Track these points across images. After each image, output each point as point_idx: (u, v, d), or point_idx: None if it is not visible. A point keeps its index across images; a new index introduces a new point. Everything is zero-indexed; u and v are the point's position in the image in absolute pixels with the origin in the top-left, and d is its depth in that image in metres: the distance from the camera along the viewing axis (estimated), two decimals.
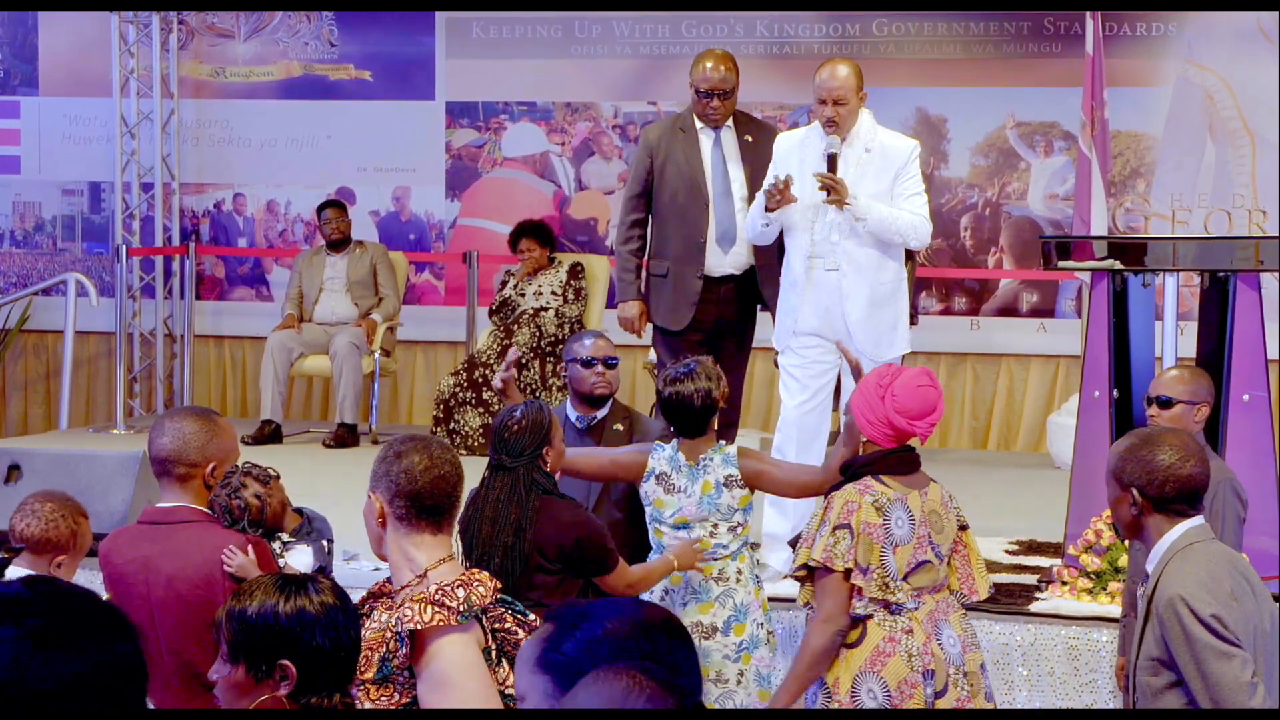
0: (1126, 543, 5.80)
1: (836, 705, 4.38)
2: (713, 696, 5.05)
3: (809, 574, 4.44)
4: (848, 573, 4.33)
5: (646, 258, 7.02)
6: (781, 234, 6.36)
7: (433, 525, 3.23)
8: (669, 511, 5.11)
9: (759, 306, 6.96)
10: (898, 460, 4.47)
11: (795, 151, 6.28)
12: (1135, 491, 3.76)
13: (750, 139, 6.89)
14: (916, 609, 4.41)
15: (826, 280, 6.17)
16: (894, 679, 4.34)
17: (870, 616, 4.36)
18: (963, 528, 4.56)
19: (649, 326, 7.03)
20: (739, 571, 5.11)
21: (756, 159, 6.84)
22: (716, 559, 5.09)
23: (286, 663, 2.84)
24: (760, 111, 10.01)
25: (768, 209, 6.16)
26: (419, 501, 3.21)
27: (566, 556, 4.72)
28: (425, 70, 10.48)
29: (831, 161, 6.10)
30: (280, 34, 10.71)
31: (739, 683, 5.08)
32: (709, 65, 6.81)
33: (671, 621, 2.46)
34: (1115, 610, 5.67)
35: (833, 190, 6.06)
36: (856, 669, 4.38)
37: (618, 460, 5.23)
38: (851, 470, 4.48)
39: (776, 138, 6.50)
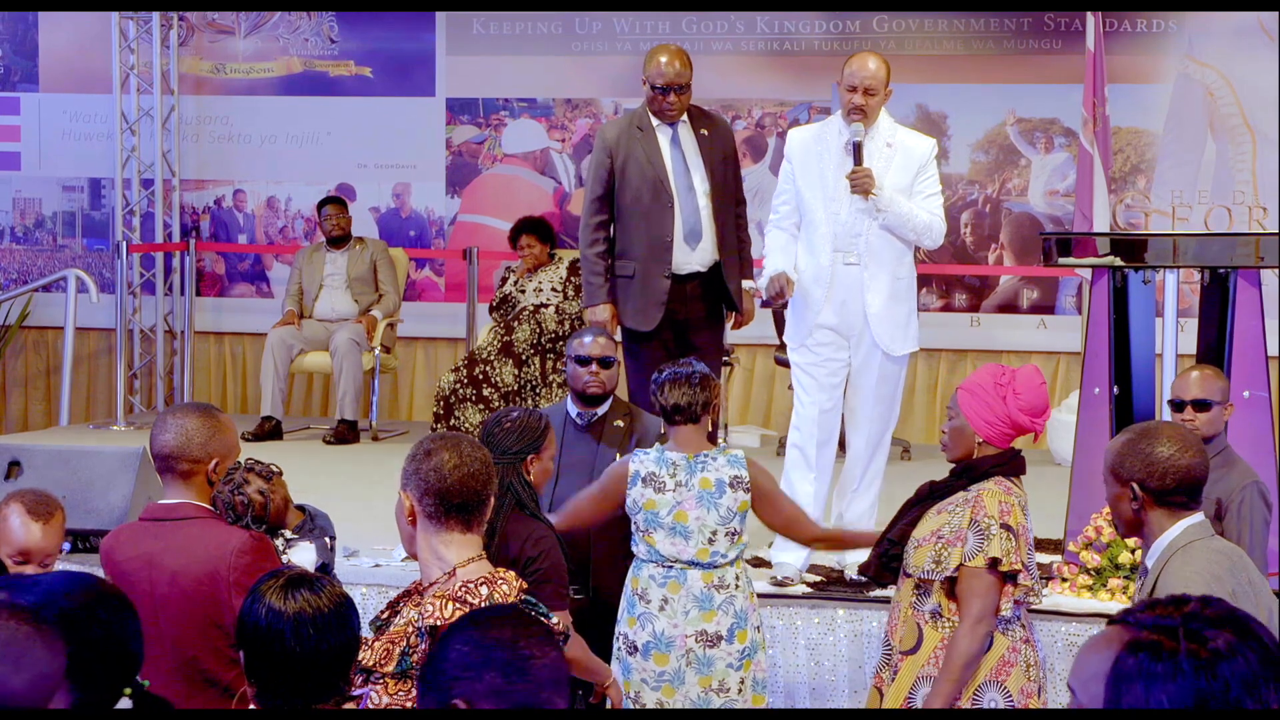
0: (1125, 539, 5.80)
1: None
2: (715, 706, 4.99)
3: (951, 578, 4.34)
4: (1009, 574, 4.29)
5: (611, 259, 6.98)
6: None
7: (462, 523, 3.24)
8: (665, 509, 5.01)
9: (724, 305, 6.93)
10: (1020, 462, 4.46)
11: (813, 145, 6.23)
12: (1136, 486, 3.74)
13: (706, 132, 6.86)
14: (1020, 615, 4.41)
15: (847, 274, 6.13)
16: (1015, 689, 4.32)
17: (1007, 633, 4.36)
18: None
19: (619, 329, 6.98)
20: (736, 578, 5.06)
21: (714, 152, 6.82)
22: (716, 566, 5.02)
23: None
24: (761, 108, 10.03)
25: (765, 304, 6.18)
26: (448, 500, 3.22)
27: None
28: (425, 66, 10.48)
29: (857, 149, 6.07)
30: (280, 30, 10.71)
31: (740, 691, 5.01)
32: (664, 60, 6.78)
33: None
34: (1116, 607, 5.68)
35: (860, 180, 6.04)
36: (981, 678, 4.33)
37: (604, 494, 5.10)
38: (978, 471, 4.42)
39: (787, 134, 6.45)
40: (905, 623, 4.42)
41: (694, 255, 6.79)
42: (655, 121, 6.83)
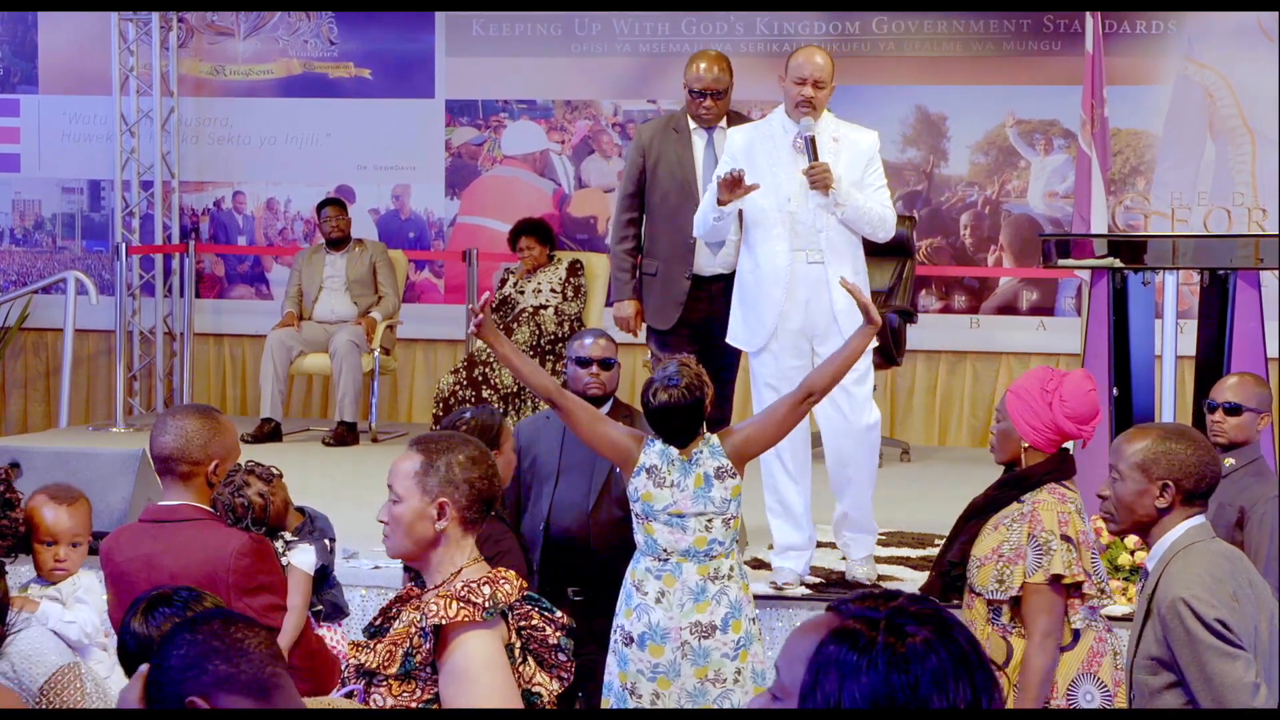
0: (1124, 540, 5.80)
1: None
2: (711, 697, 4.97)
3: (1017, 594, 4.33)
4: (1073, 585, 4.28)
5: (640, 256, 7.01)
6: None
7: (480, 525, 3.30)
8: (661, 505, 5.00)
9: None
10: (1070, 465, 4.44)
11: (761, 142, 6.11)
12: (1171, 484, 3.73)
13: None
14: (1096, 613, 4.41)
15: (810, 273, 6.01)
16: (1109, 678, 4.31)
17: (1090, 626, 4.35)
18: None
19: (643, 326, 7.01)
20: (731, 568, 5.05)
21: None
22: (712, 556, 5.01)
23: None
24: (760, 109, 10.02)
25: (721, 202, 5.97)
26: (490, 504, 3.30)
27: None
28: (425, 68, 10.48)
29: (812, 144, 5.96)
30: (280, 32, 10.72)
31: (736, 681, 5.00)
32: (703, 65, 6.81)
33: None
34: (1116, 608, 5.67)
35: (820, 175, 5.94)
36: (1073, 673, 4.32)
37: (616, 442, 5.09)
38: (1031, 480, 4.40)
39: (727, 133, 6.42)
40: (989, 640, 4.39)
41: (717, 258, 6.79)
42: (692, 125, 6.87)
